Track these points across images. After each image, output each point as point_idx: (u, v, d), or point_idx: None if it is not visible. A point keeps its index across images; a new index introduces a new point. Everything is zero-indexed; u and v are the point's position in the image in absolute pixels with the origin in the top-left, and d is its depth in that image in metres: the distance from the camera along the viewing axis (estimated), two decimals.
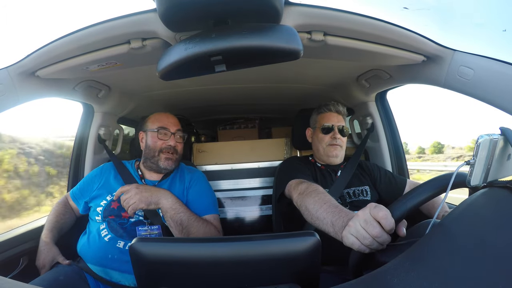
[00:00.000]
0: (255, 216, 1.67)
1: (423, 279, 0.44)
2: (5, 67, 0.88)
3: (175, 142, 1.18)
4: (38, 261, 1.02)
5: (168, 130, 1.19)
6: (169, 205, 1.00)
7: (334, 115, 1.30)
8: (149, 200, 0.98)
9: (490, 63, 0.80)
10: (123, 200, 0.98)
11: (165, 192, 1.04)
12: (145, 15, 0.75)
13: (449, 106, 26.49)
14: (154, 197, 0.99)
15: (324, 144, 1.27)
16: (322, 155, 1.28)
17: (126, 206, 0.97)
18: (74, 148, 1.45)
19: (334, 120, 1.28)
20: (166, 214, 1.00)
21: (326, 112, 1.31)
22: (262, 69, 0.86)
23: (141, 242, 0.55)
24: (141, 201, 0.96)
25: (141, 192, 0.98)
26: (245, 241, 0.55)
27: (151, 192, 1.00)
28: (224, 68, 0.72)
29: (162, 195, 1.01)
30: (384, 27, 0.81)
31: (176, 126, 1.21)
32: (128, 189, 0.99)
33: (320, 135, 1.29)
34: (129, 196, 0.97)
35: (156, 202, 0.99)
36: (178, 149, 1.20)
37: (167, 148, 1.16)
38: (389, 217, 0.59)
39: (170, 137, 1.18)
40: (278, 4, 0.65)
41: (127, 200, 0.97)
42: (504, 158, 0.58)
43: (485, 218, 0.52)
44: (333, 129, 1.26)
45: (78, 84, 1.15)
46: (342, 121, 1.30)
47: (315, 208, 0.82)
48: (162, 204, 0.99)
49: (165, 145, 1.17)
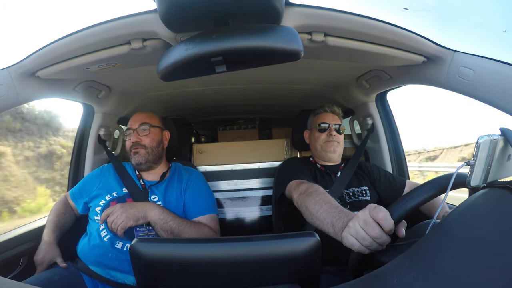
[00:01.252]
0: (255, 217, 1.67)
1: (423, 279, 0.44)
2: (5, 68, 0.88)
3: (137, 137, 1.18)
4: (37, 257, 1.02)
5: (131, 129, 1.20)
6: (157, 215, 0.99)
7: (329, 115, 1.32)
8: (136, 215, 0.97)
9: (490, 64, 0.80)
10: (109, 222, 0.96)
11: (150, 204, 1.03)
12: (145, 15, 0.75)
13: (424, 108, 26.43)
14: (140, 212, 0.98)
15: (321, 142, 1.29)
16: (320, 152, 1.29)
17: (114, 227, 0.95)
18: (74, 148, 1.45)
19: (330, 119, 1.31)
20: (156, 226, 0.99)
21: (322, 113, 1.34)
22: (263, 69, 0.86)
23: (141, 242, 0.55)
24: (129, 219, 0.96)
25: (126, 210, 0.97)
26: (245, 241, 0.55)
27: (137, 207, 0.99)
28: (224, 68, 0.72)
29: (148, 208, 1.01)
30: (385, 28, 0.81)
31: (139, 121, 1.20)
32: (112, 211, 0.97)
33: (317, 133, 1.31)
34: (116, 217, 0.95)
35: (143, 216, 0.98)
36: (143, 143, 1.18)
37: (132, 145, 1.18)
38: (388, 218, 0.59)
39: (133, 134, 1.19)
40: (279, 4, 0.65)
41: (114, 221, 0.95)
42: (504, 158, 0.59)
43: (485, 219, 0.52)
44: (329, 128, 1.29)
45: (79, 85, 1.15)
46: (337, 121, 1.33)
47: (316, 209, 0.82)
48: (150, 217, 0.99)
49: (130, 143, 1.18)
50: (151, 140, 1.20)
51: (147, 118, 1.23)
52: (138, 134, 1.19)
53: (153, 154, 1.20)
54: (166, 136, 1.31)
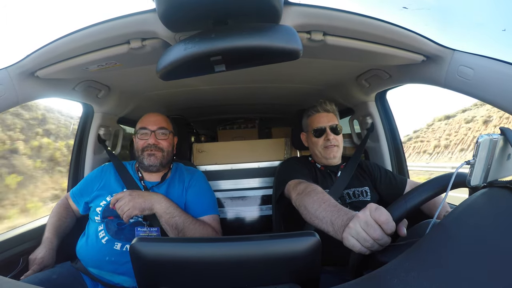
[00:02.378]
0: (255, 216, 1.67)
1: (423, 279, 0.44)
2: (4, 67, 0.88)
3: (155, 140, 1.17)
4: (36, 257, 1.01)
5: (147, 129, 1.18)
6: (163, 209, 1.00)
7: (323, 115, 1.26)
8: (142, 206, 0.98)
9: (490, 63, 0.80)
10: (117, 207, 0.98)
11: (158, 196, 1.03)
12: (144, 15, 0.74)
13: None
14: (147, 203, 0.99)
15: (319, 148, 1.25)
16: (320, 158, 1.27)
17: (121, 213, 0.97)
18: (74, 148, 1.45)
19: (324, 120, 1.25)
20: (161, 219, 1.00)
21: (315, 114, 1.28)
22: (262, 69, 0.86)
23: (141, 242, 0.55)
24: (135, 208, 0.96)
25: (134, 198, 0.98)
26: (245, 241, 0.55)
27: (144, 198, 1.00)
28: (223, 68, 0.72)
29: (155, 200, 1.01)
30: (384, 27, 0.81)
31: (157, 124, 1.20)
32: (121, 196, 0.99)
33: (314, 139, 1.26)
34: (123, 203, 0.97)
35: (149, 208, 0.99)
36: (161, 147, 1.18)
37: (148, 146, 1.17)
38: (390, 221, 0.59)
39: (150, 135, 1.18)
40: (278, 4, 0.64)
41: (121, 208, 0.96)
42: (504, 158, 0.59)
43: (485, 218, 0.52)
44: (325, 131, 1.24)
45: (78, 84, 1.15)
46: (333, 120, 1.26)
47: (314, 208, 0.81)
48: (156, 209, 0.99)
49: (146, 144, 1.17)
50: (168, 144, 1.21)
51: (164, 122, 1.23)
52: (156, 137, 1.18)
53: (167, 158, 1.20)
54: (175, 141, 1.31)
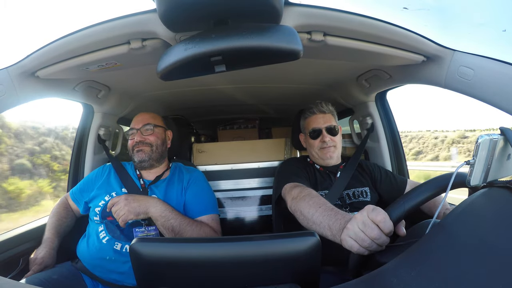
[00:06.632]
0: (255, 216, 1.67)
1: (423, 279, 0.44)
2: (5, 68, 0.88)
3: (141, 137, 1.19)
4: (36, 257, 1.01)
5: (134, 129, 1.21)
6: (158, 213, 1.00)
7: (319, 116, 1.25)
8: (137, 210, 0.98)
9: (490, 63, 0.80)
10: (113, 212, 0.98)
11: (153, 200, 1.04)
12: (145, 15, 0.74)
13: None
14: (142, 207, 0.99)
15: (316, 149, 1.25)
16: (318, 159, 1.28)
17: (117, 217, 0.98)
18: (74, 148, 1.45)
19: (320, 122, 1.24)
20: (157, 222, 1.00)
21: (311, 116, 1.27)
22: (262, 69, 0.86)
23: (141, 242, 0.55)
24: (130, 212, 0.97)
25: (129, 203, 0.98)
26: (245, 241, 0.55)
27: (139, 202, 1.00)
28: (224, 68, 0.72)
29: (150, 204, 1.01)
30: (384, 27, 0.81)
31: (143, 122, 1.21)
32: (117, 201, 0.99)
33: (310, 140, 1.27)
34: (118, 208, 0.97)
35: (144, 212, 0.99)
36: (148, 142, 1.19)
37: (136, 144, 1.18)
38: (387, 220, 0.59)
39: (136, 133, 1.20)
40: (278, 4, 0.65)
41: (117, 212, 0.97)
42: (504, 158, 0.59)
43: (485, 218, 0.52)
44: (321, 132, 1.23)
45: (78, 85, 1.15)
46: (329, 121, 1.25)
47: (311, 212, 0.81)
48: (151, 213, 1.00)
49: (134, 142, 1.19)
50: (156, 138, 1.21)
51: (151, 119, 1.24)
52: (142, 134, 1.19)
53: (157, 152, 1.21)
54: (169, 135, 1.31)
